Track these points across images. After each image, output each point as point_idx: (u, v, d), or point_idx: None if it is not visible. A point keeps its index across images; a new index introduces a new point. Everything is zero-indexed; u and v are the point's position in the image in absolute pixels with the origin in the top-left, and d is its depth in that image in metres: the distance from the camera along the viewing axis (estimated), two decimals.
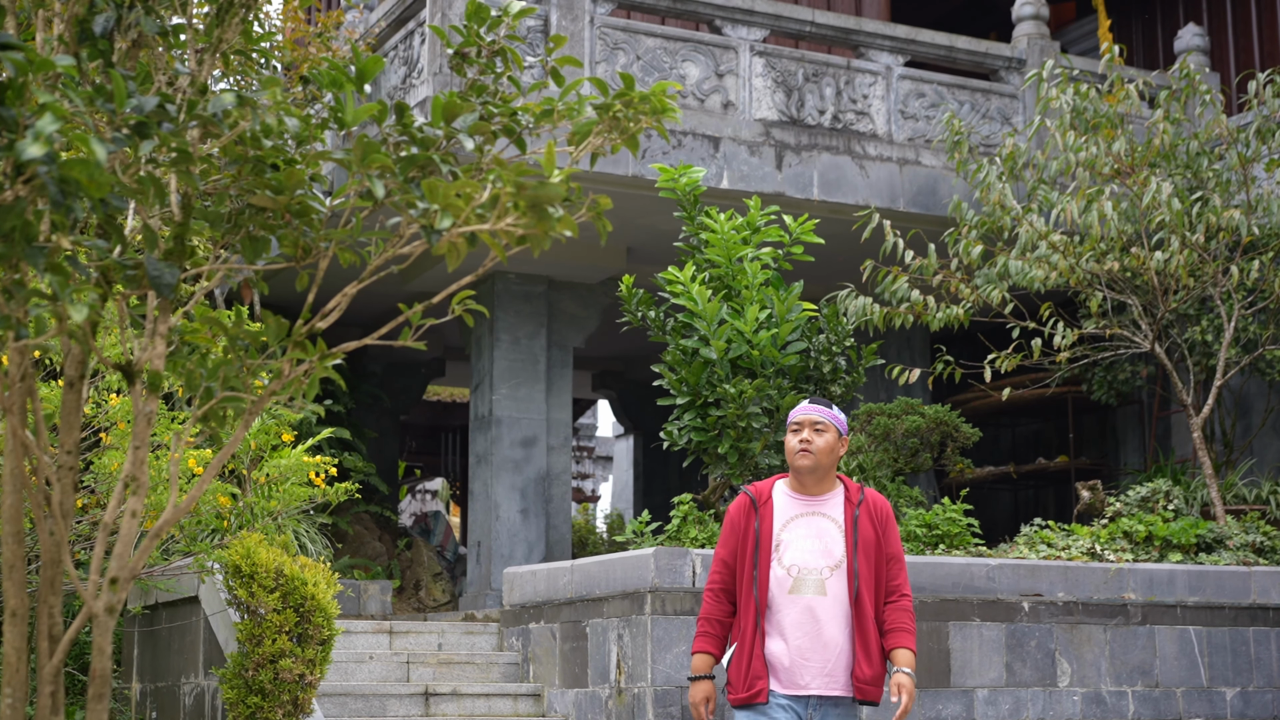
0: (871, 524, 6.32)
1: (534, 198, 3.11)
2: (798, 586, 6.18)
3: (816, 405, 6.40)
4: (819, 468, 6.31)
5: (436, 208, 3.25)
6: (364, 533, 15.05)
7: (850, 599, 6.20)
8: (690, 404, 10.30)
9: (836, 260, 13.82)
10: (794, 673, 6.15)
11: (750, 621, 6.21)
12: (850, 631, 6.21)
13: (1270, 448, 13.78)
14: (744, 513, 6.39)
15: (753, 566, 6.25)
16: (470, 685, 10.42)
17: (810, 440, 6.31)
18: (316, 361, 3.72)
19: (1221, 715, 10.69)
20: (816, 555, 6.22)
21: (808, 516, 6.31)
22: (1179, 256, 11.84)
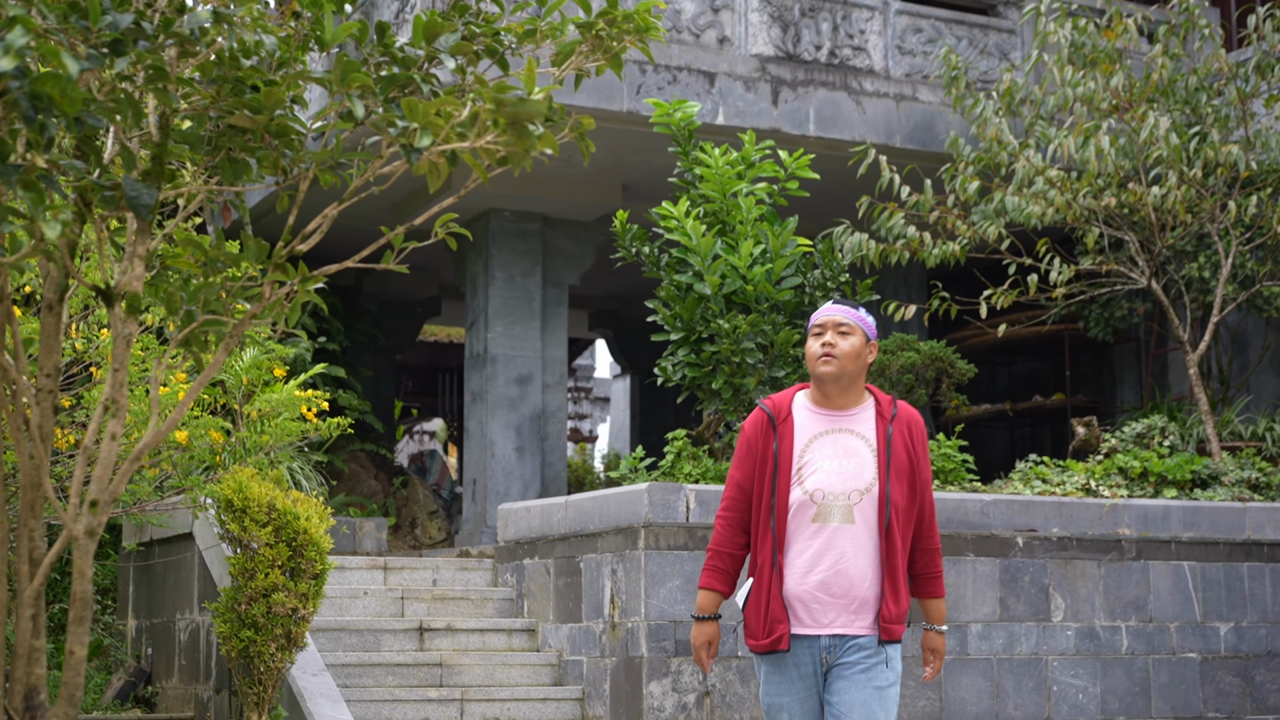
0: (905, 443, 5.57)
1: (514, 115, 3.07)
2: (823, 514, 5.44)
3: (841, 306, 5.64)
4: (844, 376, 5.53)
5: (416, 126, 3.21)
6: (360, 471, 15.05)
7: (880, 528, 5.46)
8: (684, 340, 10.27)
9: (832, 197, 13.76)
10: (815, 611, 5.42)
11: (768, 555, 5.47)
12: (879, 565, 5.47)
13: (1267, 384, 13.76)
14: (761, 431, 5.61)
15: (771, 492, 5.50)
16: (464, 620, 10.43)
17: (834, 344, 5.55)
18: (298, 285, 3.68)
19: (1215, 650, 10.71)
20: (844, 478, 5.47)
21: (834, 434, 5.56)
22: (1176, 192, 11.79)
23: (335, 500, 13.68)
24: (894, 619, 5.46)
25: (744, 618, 5.50)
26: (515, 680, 10.05)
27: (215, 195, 3.84)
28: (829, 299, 10.53)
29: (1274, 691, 10.81)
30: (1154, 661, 10.53)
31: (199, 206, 4.07)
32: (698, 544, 9.45)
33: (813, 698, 5.46)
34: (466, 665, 9.98)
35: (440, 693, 9.69)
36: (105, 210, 3.50)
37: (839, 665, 5.40)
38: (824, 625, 5.40)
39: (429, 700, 9.62)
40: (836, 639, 5.41)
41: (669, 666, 9.31)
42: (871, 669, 5.44)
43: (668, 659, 9.32)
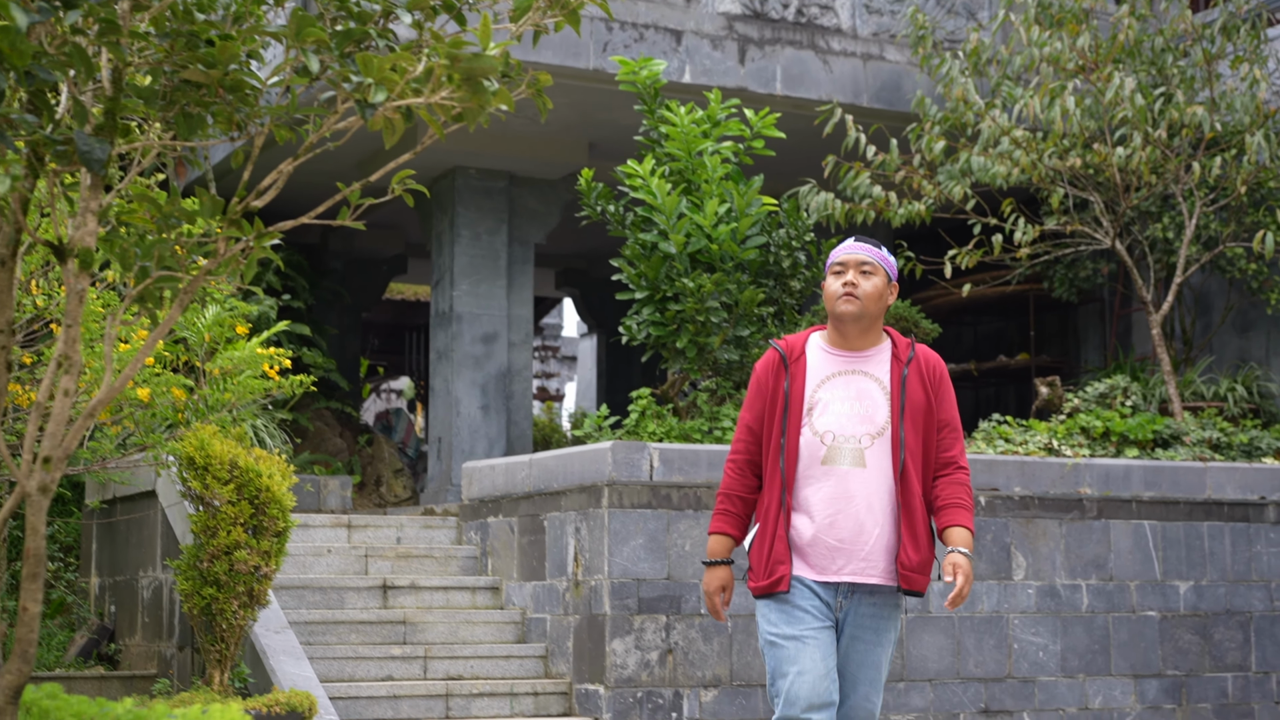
0: (922, 385, 5.38)
1: (468, 71, 3.06)
2: (832, 456, 5.28)
3: (864, 244, 5.47)
4: (865, 316, 5.35)
5: (370, 82, 3.19)
6: (325, 429, 15.03)
7: (894, 473, 5.30)
8: (649, 299, 10.26)
9: (799, 156, 13.75)
10: (824, 556, 5.28)
11: (775, 497, 5.32)
12: (894, 511, 5.31)
13: (1229, 345, 13.82)
14: (772, 371, 5.45)
15: (780, 433, 5.34)
16: (428, 578, 10.44)
17: (856, 283, 5.36)
18: (254, 241, 3.66)
19: (1174, 608, 10.78)
20: (856, 420, 5.31)
21: (847, 375, 5.39)
22: (1141, 153, 11.81)
23: (299, 458, 13.65)
24: (914, 567, 5.29)
25: (749, 560, 5.36)
26: (479, 638, 10.07)
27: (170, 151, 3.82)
28: (793, 258, 10.55)
29: (1232, 649, 10.90)
30: (1114, 620, 10.60)
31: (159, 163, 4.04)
32: (661, 502, 9.47)
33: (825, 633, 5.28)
34: (430, 623, 10.00)
35: (403, 650, 9.70)
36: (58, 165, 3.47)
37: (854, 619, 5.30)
38: (835, 571, 5.26)
39: (392, 658, 9.63)
40: (853, 588, 5.29)
41: (632, 624, 9.34)
42: (883, 628, 5.35)
43: (631, 617, 9.34)
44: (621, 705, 9.27)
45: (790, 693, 5.25)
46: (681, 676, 9.41)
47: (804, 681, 5.24)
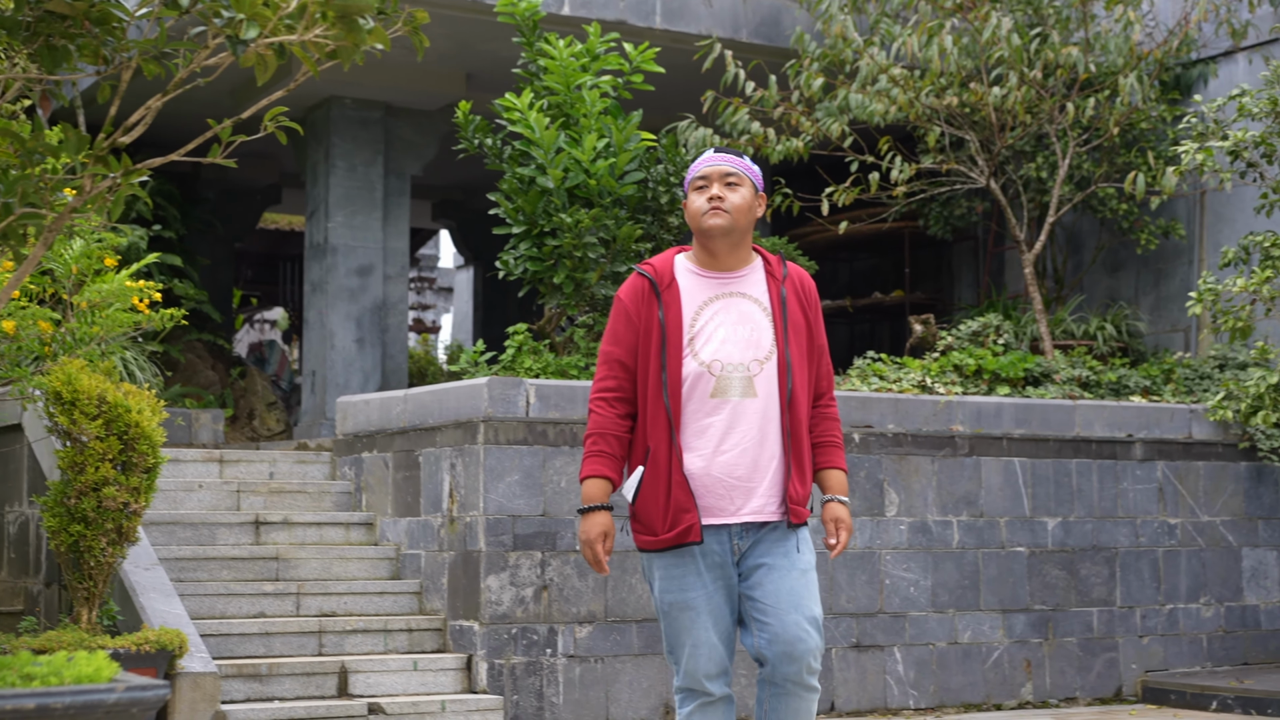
0: (800, 305, 5.12)
1: (343, 8, 2.99)
2: (722, 387, 4.95)
3: (726, 154, 5.15)
4: (734, 231, 5.03)
5: (242, 17, 3.10)
6: (196, 361, 14.83)
7: (783, 399, 5.00)
8: (526, 233, 10.20)
9: (678, 90, 13.69)
10: (722, 498, 4.97)
11: (663, 437, 4.95)
12: (784, 439, 5.02)
13: (1100, 284, 14.01)
14: (642, 300, 5.06)
15: (660, 367, 4.96)
16: (302, 514, 10.35)
17: (722, 196, 5.03)
18: (121, 178, 3.57)
19: (1043, 544, 10.95)
20: (742, 347, 4.99)
21: (726, 298, 5.06)
22: (1017, 93, 11.89)
23: (171, 391, 13.47)
24: (799, 499, 5.06)
25: (634, 512, 5.01)
26: (353, 574, 10.01)
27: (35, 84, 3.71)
28: (671, 194, 10.51)
29: (1098, 584, 11.09)
30: (984, 555, 10.75)
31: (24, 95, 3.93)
32: (537, 439, 9.44)
33: (721, 593, 5.03)
34: (303, 559, 9.92)
35: (276, 586, 9.62)
36: None
37: (755, 554, 5.02)
38: (733, 512, 4.98)
39: (265, 594, 9.55)
40: (748, 527, 5.01)
41: (507, 561, 9.33)
42: (790, 553, 5.06)
43: (506, 553, 9.32)
44: (496, 642, 9.26)
45: (687, 666, 5.08)
46: (556, 613, 9.42)
47: (699, 655, 5.04)
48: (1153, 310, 13.49)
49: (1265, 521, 11.75)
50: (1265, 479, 11.70)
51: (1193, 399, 11.80)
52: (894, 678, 10.35)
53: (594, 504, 5.05)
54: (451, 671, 9.30)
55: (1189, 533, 11.46)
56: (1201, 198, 13.05)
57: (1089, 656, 11.03)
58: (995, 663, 10.70)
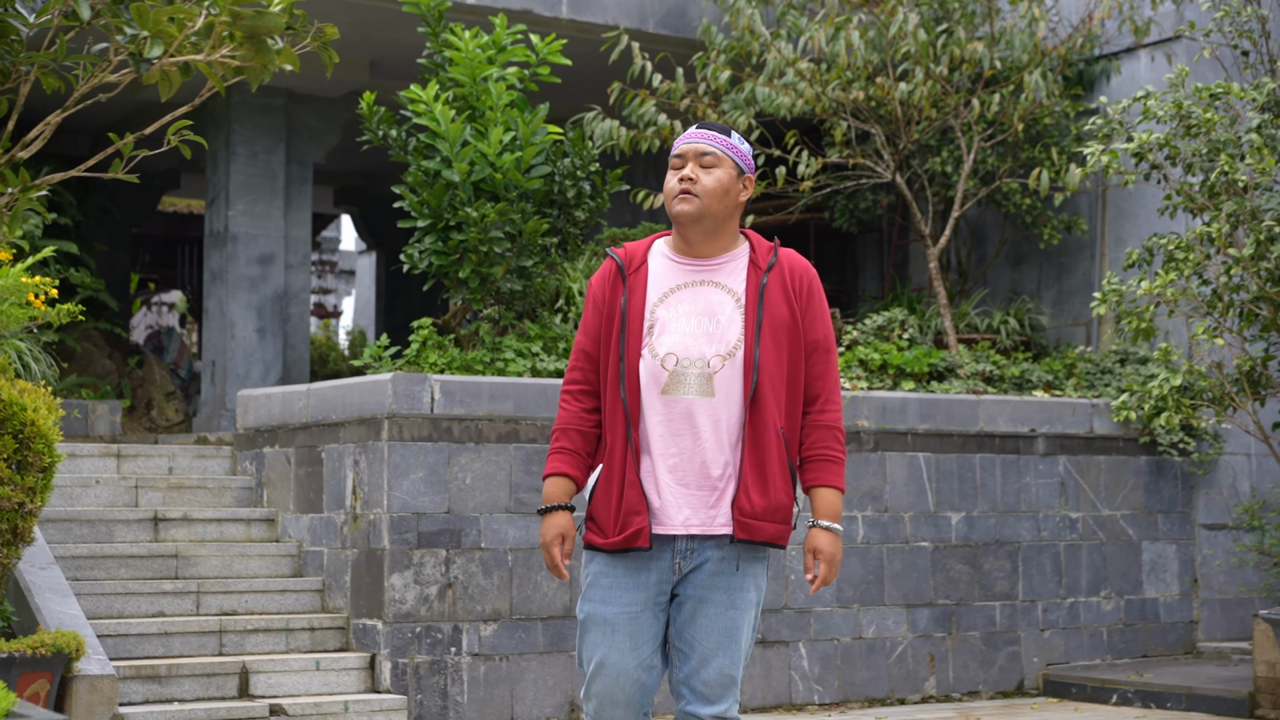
0: (786, 297, 4.61)
1: (251, 29, 2.89)
2: (675, 383, 4.52)
3: (707, 130, 4.68)
4: (706, 217, 4.58)
5: (146, 35, 3.00)
6: (93, 350, 14.58)
7: (746, 400, 4.51)
8: (431, 227, 10.09)
9: (585, 80, 13.62)
10: (668, 505, 4.54)
11: (620, 433, 4.57)
12: (742, 445, 4.51)
13: (1003, 277, 14.08)
14: (609, 284, 4.69)
15: (619, 358, 4.58)
16: (201, 510, 10.20)
17: (695, 178, 4.58)
18: (19, 193, 3.46)
19: (946, 538, 10.99)
20: (702, 340, 4.55)
21: (694, 287, 4.63)
22: (923, 88, 11.91)
23: (67, 382, 13.23)
24: (756, 513, 4.47)
25: (590, 511, 4.62)
26: (254, 571, 9.87)
27: None
28: (578, 188, 10.43)
29: (1001, 579, 11.15)
30: (888, 550, 10.78)
31: None
32: (442, 435, 9.34)
33: (649, 614, 4.58)
34: (203, 556, 9.77)
35: (175, 585, 9.46)
36: None
37: (699, 578, 4.55)
38: (679, 523, 4.52)
39: (164, 593, 9.39)
40: (693, 541, 4.53)
41: (411, 559, 9.23)
42: (737, 587, 4.56)
43: (410, 551, 9.23)
44: (399, 640, 9.17)
45: (589, 686, 4.65)
46: (461, 611, 9.34)
47: (602, 678, 4.60)
48: (1055, 304, 13.58)
49: (1165, 515, 11.87)
50: (1165, 473, 11.82)
51: (1094, 393, 11.89)
52: (799, 673, 10.36)
53: (552, 504, 4.66)
54: (355, 671, 9.20)
55: (1090, 527, 11.55)
56: (1103, 193, 13.14)
57: (991, 650, 11.09)
58: (899, 657, 10.74)
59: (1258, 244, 7.68)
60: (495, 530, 9.46)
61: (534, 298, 10.44)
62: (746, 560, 4.56)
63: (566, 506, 4.66)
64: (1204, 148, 8.06)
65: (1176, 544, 11.93)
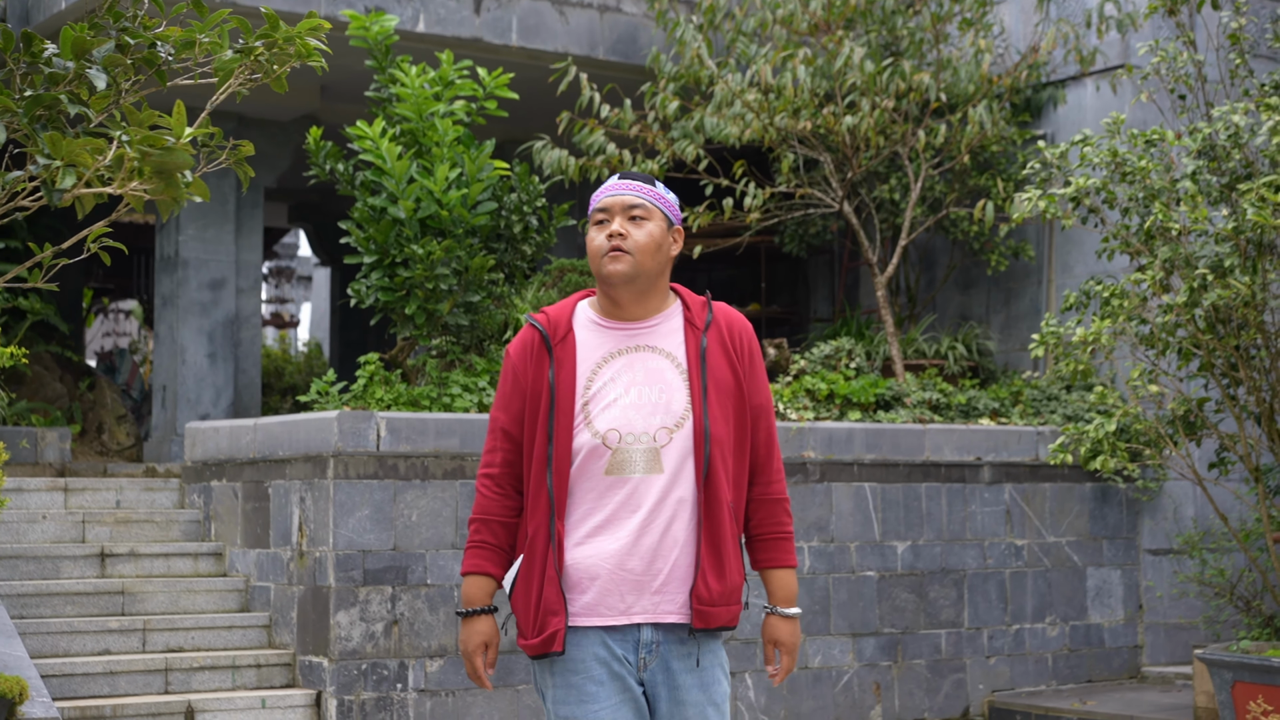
0: (727, 358, 4.24)
1: (160, 165, 2.94)
2: (620, 463, 4.12)
3: (631, 179, 4.29)
4: (640, 276, 4.20)
5: (59, 164, 3.05)
6: (44, 373, 14.55)
7: (699, 475, 4.14)
8: (378, 263, 10.12)
9: (534, 109, 13.66)
10: (615, 596, 4.14)
11: (542, 524, 4.16)
12: (695, 525, 4.14)
13: (952, 300, 14.18)
14: (532, 356, 4.26)
15: (547, 439, 4.15)
16: (149, 545, 10.21)
17: (625, 233, 4.18)
18: None
19: (892, 568, 11.08)
20: (647, 412, 4.15)
21: (630, 354, 4.23)
22: (869, 119, 11.98)
23: (17, 407, 13.22)
24: (713, 599, 4.12)
25: (513, 609, 4.25)
26: (200, 607, 9.89)
27: None
28: (524, 223, 10.48)
29: (946, 606, 11.25)
30: (834, 580, 10.86)
31: None
32: (388, 472, 9.38)
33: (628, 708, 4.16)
34: (150, 592, 9.78)
35: (121, 622, 9.48)
36: None
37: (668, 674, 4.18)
38: (623, 613, 4.14)
39: (109, 631, 9.41)
40: (657, 632, 4.16)
41: (357, 596, 9.27)
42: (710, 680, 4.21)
43: (356, 588, 9.27)
44: (346, 677, 9.21)
45: None
46: (407, 647, 9.38)
47: None
48: (1003, 329, 13.69)
49: (1109, 541, 11.98)
50: (1110, 500, 11.93)
51: (1040, 420, 12.00)
52: (745, 704, 10.43)
53: (473, 608, 4.30)
54: (300, 709, 9.24)
55: (1035, 553, 11.66)
56: (1050, 221, 13.25)
57: (937, 678, 11.19)
58: (845, 686, 10.82)
59: (1191, 291, 7.78)
60: (441, 566, 9.50)
61: (481, 331, 10.49)
62: (711, 651, 4.23)
63: (488, 610, 4.32)
64: (1140, 193, 8.16)
65: (1121, 569, 12.04)
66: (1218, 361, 8.27)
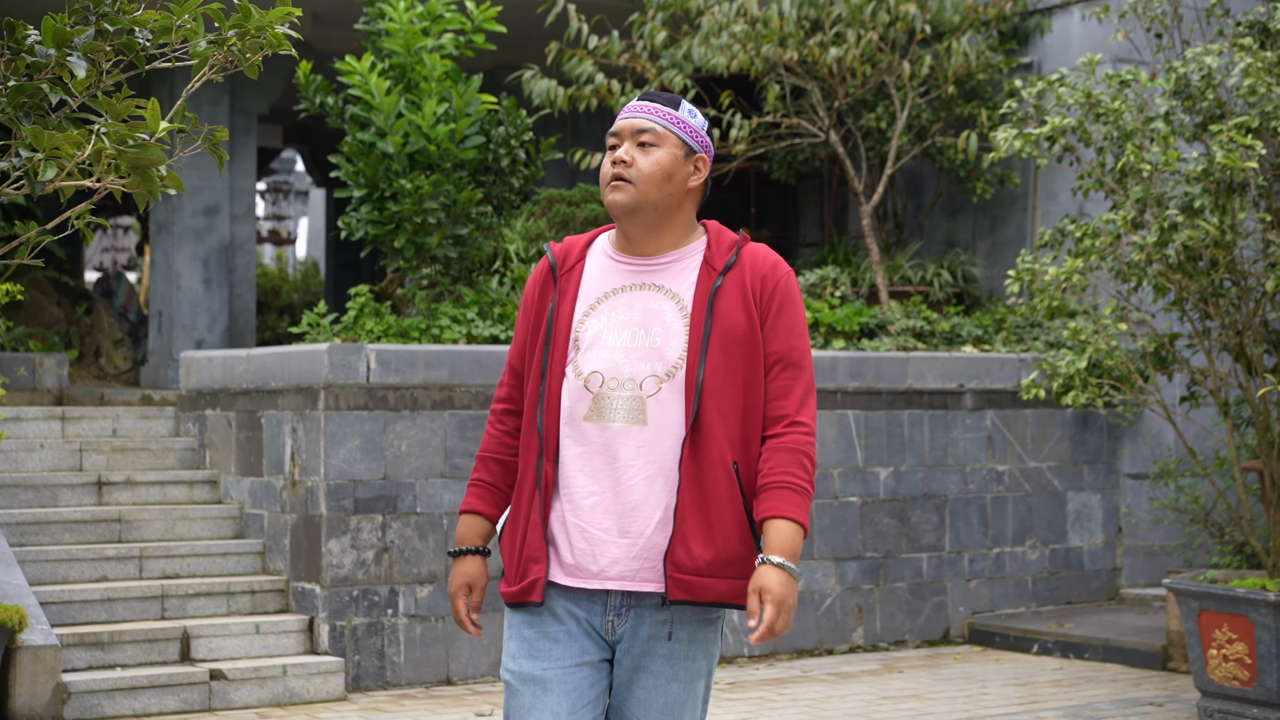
0: (744, 303, 3.81)
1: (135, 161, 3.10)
2: (600, 409, 3.77)
3: (648, 103, 3.89)
4: (643, 207, 3.83)
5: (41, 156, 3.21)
6: (41, 298, 14.73)
7: (687, 428, 3.74)
8: (367, 197, 10.27)
9: (523, 42, 13.74)
10: (586, 554, 3.79)
11: (531, 465, 3.86)
12: (679, 485, 3.74)
13: (939, 227, 14.32)
14: (539, 286, 3.98)
15: (540, 376, 3.85)
16: (145, 473, 10.42)
17: (630, 160, 3.83)
18: None
19: (874, 494, 11.30)
20: (637, 357, 3.79)
21: (632, 291, 3.87)
22: (855, 50, 12.07)
23: (15, 332, 13.40)
24: (699, 569, 3.72)
25: (501, 553, 3.94)
26: (196, 534, 10.12)
27: None
28: (512, 156, 10.61)
29: (927, 531, 11.48)
30: (817, 506, 11.08)
31: None
32: (378, 404, 9.58)
33: (584, 672, 3.82)
34: (146, 520, 10.01)
35: (118, 549, 9.71)
36: None
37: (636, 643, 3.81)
38: (594, 575, 3.78)
39: (107, 558, 9.64)
40: (629, 598, 3.80)
41: (348, 525, 9.49)
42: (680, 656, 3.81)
43: (346, 517, 9.49)
44: (337, 604, 9.45)
45: None
46: (397, 574, 9.62)
47: None
48: (989, 255, 13.84)
49: (1090, 466, 12.20)
50: (1091, 425, 12.14)
51: (1023, 347, 12.19)
52: (729, 627, 10.68)
53: (461, 546, 4.03)
54: (294, 634, 9.48)
55: (1016, 478, 11.88)
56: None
57: (918, 601, 11.44)
58: (828, 609, 11.07)
59: (1161, 230, 7.94)
60: (430, 495, 9.72)
61: (469, 262, 10.65)
62: (691, 625, 3.82)
63: (477, 550, 4.01)
64: (1114, 133, 8.29)
65: (1102, 494, 12.27)
66: (1190, 297, 8.44)
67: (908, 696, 9.44)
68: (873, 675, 10.19)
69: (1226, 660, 8.17)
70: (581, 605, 3.80)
